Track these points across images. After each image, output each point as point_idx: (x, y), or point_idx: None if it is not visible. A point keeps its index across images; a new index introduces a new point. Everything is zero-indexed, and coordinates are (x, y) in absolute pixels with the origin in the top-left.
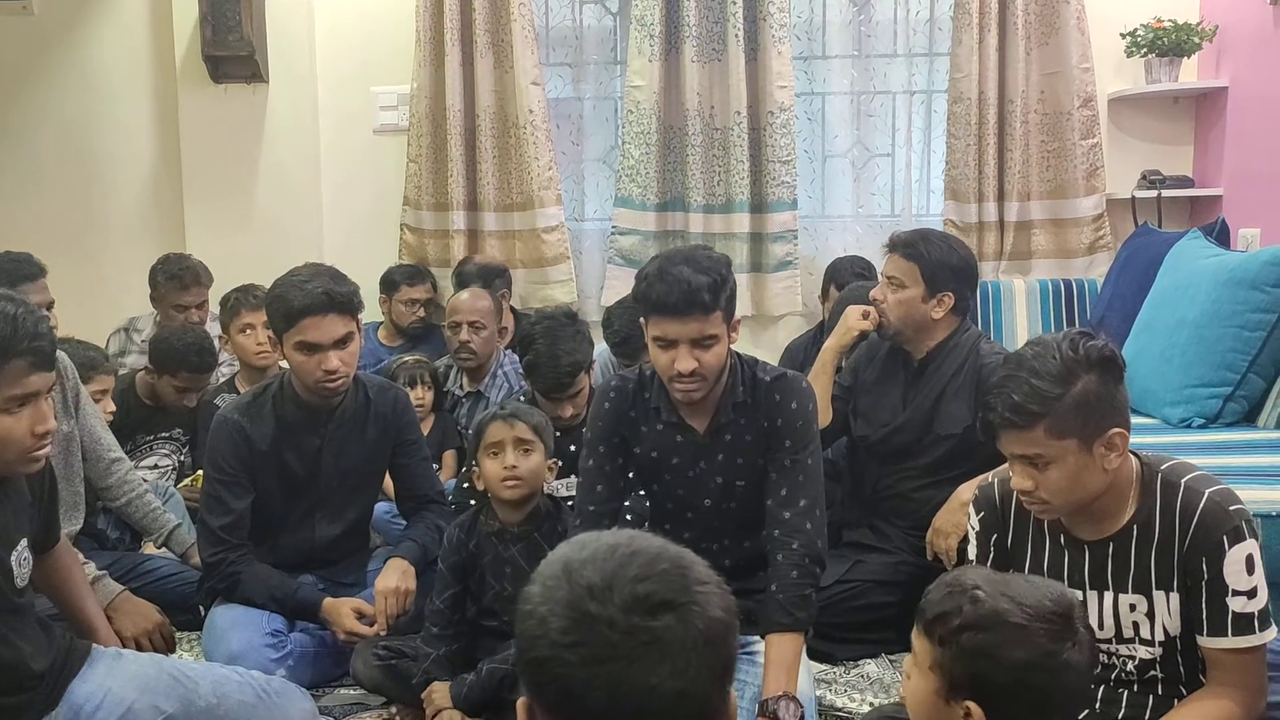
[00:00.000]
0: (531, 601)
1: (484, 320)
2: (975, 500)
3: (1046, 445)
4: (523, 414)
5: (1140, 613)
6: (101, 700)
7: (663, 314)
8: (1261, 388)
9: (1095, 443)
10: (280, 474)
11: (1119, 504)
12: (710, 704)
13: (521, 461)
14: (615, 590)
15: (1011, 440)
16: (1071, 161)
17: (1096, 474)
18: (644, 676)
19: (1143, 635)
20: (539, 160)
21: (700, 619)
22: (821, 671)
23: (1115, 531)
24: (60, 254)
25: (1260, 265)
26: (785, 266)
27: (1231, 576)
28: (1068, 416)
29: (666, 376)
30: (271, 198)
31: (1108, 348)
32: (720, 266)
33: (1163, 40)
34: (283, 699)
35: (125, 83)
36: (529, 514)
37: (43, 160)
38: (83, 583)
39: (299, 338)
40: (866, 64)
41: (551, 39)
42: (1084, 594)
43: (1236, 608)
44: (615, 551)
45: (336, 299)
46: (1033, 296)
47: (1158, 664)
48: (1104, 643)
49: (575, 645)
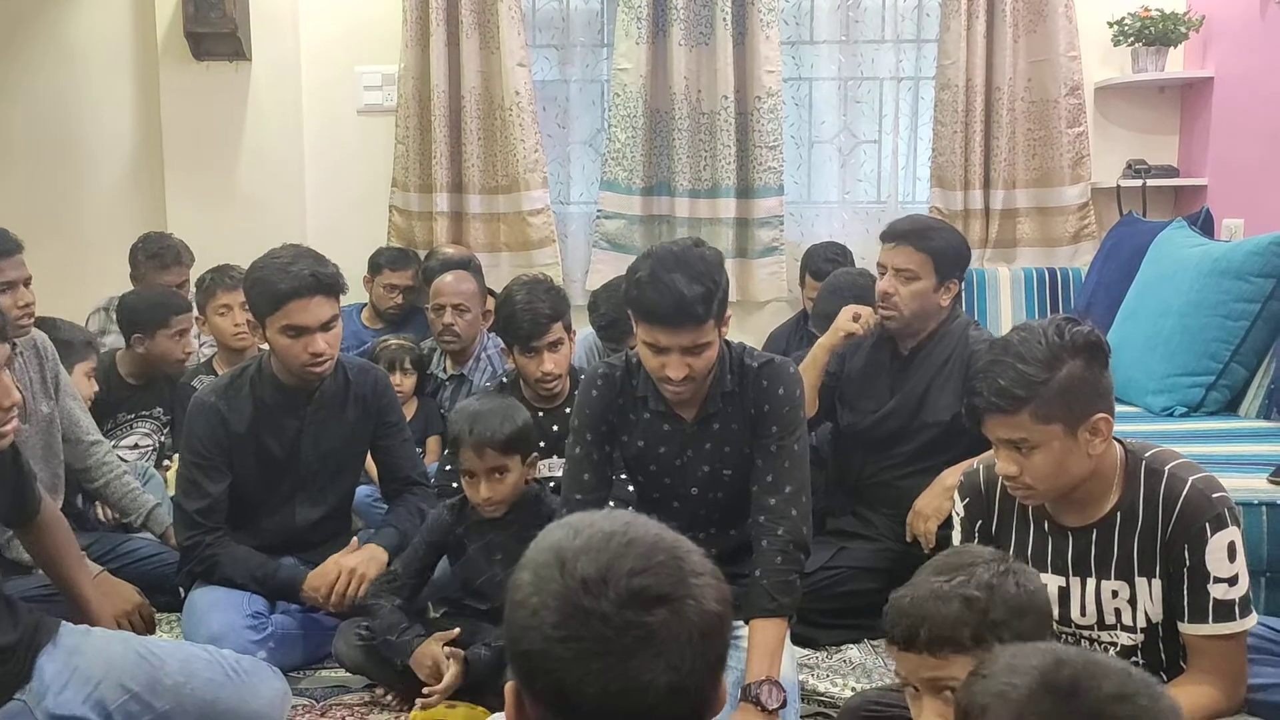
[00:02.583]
0: (523, 591)
1: (468, 303)
2: (960, 486)
3: (1031, 430)
4: (490, 435)
5: (1122, 599)
6: (68, 680)
7: (654, 323)
8: (1244, 377)
9: (1080, 428)
10: (258, 457)
11: (1103, 490)
12: (703, 696)
13: (496, 489)
14: (610, 584)
15: (996, 425)
16: (1057, 150)
17: (1081, 459)
18: (638, 672)
19: (1124, 622)
20: (525, 143)
21: (695, 613)
22: (804, 657)
23: (1099, 518)
24: (40, 232)
25: (1244, 255)
26: (771, 252)
27: (1213, 564)
28: (1053, 401)
29: (656, 378)
30: (254, 177)
31: (1094, 333)
32: (714, 271)
33: (1150, 29)
34: (252, 678)
35: (105, 59)
36: (513, 504)
37: (22, 137)
38: (74, 557)
39: (285, 321)
40: (854, 50)
41: (538, 20)
42: (1066, 580)
43: (1218, 595)
44: (611, 541)
45: (323, 281)
46: (1018, 285)
47: (1139, 651)
48: (1085, 629)
49: (568, 640)
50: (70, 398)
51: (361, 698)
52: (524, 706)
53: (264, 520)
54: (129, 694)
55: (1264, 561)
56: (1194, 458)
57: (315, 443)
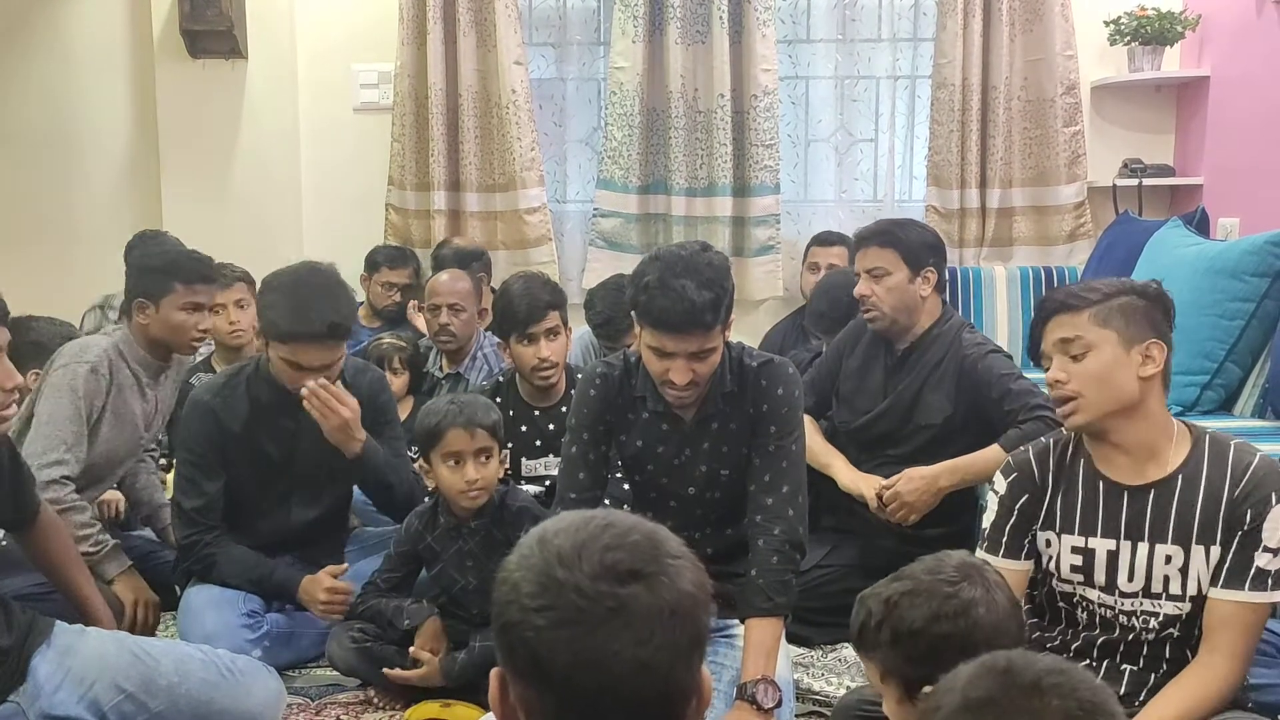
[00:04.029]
0: (507, 569)
1: (463, 302)
2: (1005, 466)
3: (1089, 330)
4: (480, 417)
5: (1175, 566)
6: (62, 680)
7: (662, 329)
8: (1239, 376)
9: (1134, 346)
10: (253, 457)
11: (1160, 444)
12: (675, 680)
13: (483, 472)
14: (584, 558)
15: (1057, 325)
16: (1053, 149)
17: (1130, 377)
18: (606, 642)
19: (1171, 591)
20: (521, 141)
21: (669, 590)
22: (799, 655)
23: (1160, 479)
24: (35, 230)
25: (1239, 254)
26: (767, 251)
27: (1269, 533)
28: (1113, 311)
29: (659, 381)
30: (250, 175)
31: (1162, 289)
32: (722, 277)
33: (1146, 29)
34: (247, 678)
35: (101, 56)
36: (481, 507)
37: (17, 134)
38: (72, 558)
39: (286, 355)
40: (851, 48)
41: (535, 19)
42: (1117, 544)
43: (1262, 563)
44: (590, 523)
45: (337, 332)
46: (1013, 283)
47: (1179, 623)
48: (1129, 597)
49: (543, 609)
50: None
51: (356, 696)
52: (506, 688)
53: (260, 520)
54: (124, 694)
55: None
56: None
57: (311, 443)
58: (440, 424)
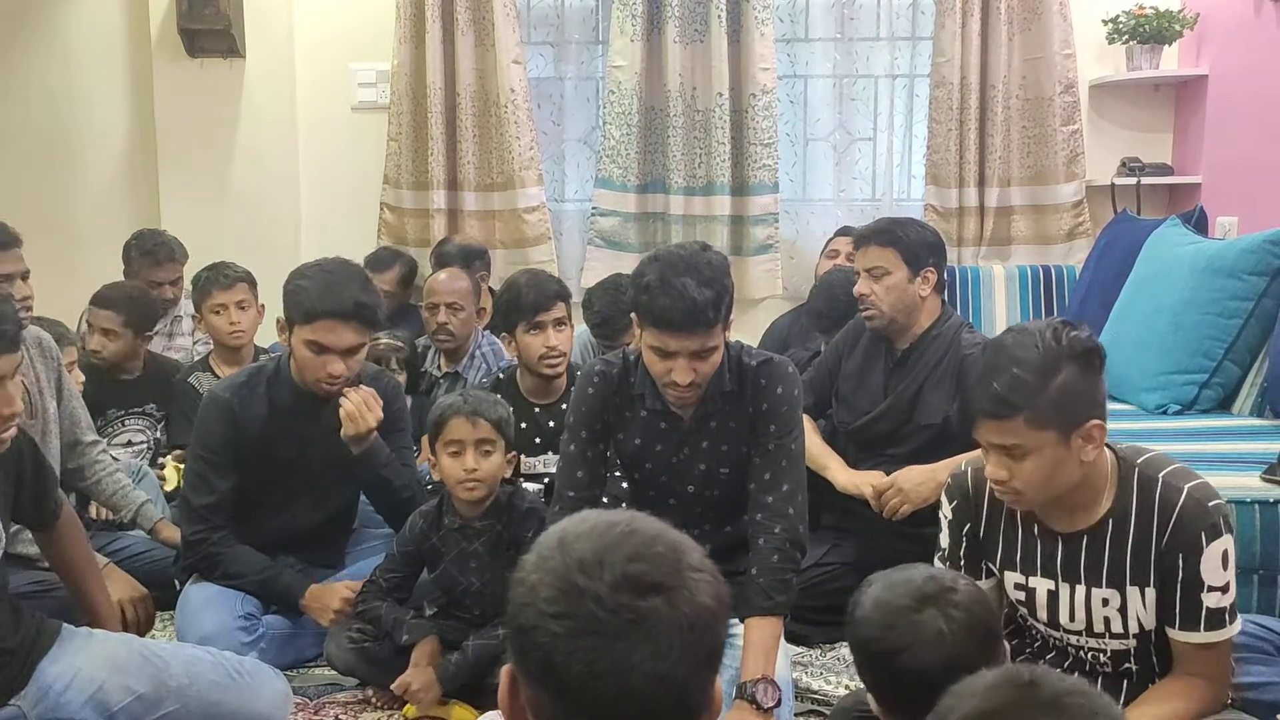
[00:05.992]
0: (525, 569)
1: (462, 301)
2: (947, 488)
3: (1025, 436)
4: (485, 409)
5: (1113, 608)
6: (71, 680)
7: (664, 328)
8: (1237, 375)
9: (1073, 434)
10: (267, 457)
11: (1093, 497)
12: (690, 694)
13: (482, 464)
14: (606, 566)
15: (990, 430)
16: (1052, 148)
17: (1073, 466)
18: (625, 655)
19: (1114, 630)
20: (520, 140)
21: (688, 604)
22: (798, 654)
23: (1090, 525)
24: (33, 228)
25: (1237, 253)
26: (766, 250)
27: (1208, 573)
28: (1048, 409)
29: (660, 382)
30: (248, 173)
31: (1090, 339)
32: (723, 276)
33: (1144, 27)
34: (255, 679)
35: (99, 55)
36: (488, 508)
37: (15, 133)
38: (89, 561)
39: (312, 336)
40: (849, 47)
41: (533, 17)
42: (1056, 585)
43: (1211, 604)
44: (613, 529)
45: (363, 310)
46: (1012, 283)
47: (1132, 656)
48: (1074, 634)
49: (560, 616)
50: (74, 398)
51: (354, 695)
52: (517, 687)
53: (267, 520)
54: (134, 695)
55: (1256, 559)
56: (1187, 456)
57: (326, 448)
58: (445, 413)
